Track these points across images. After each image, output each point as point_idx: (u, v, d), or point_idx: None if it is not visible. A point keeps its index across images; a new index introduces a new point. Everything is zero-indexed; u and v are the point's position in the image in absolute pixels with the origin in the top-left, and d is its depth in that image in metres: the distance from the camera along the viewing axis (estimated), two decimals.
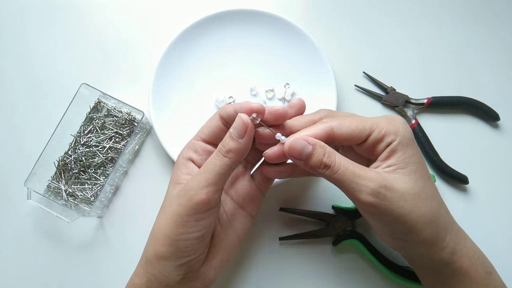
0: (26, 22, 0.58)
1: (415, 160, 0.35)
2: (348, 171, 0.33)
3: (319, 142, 0.34)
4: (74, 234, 0.51)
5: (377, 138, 0.35)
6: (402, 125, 0.35)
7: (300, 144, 0.34)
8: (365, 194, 0.33)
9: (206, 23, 0.54)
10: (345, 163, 0.34)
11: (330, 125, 0.35)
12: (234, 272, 0.49)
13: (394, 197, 0.33)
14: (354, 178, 0.33)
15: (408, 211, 0.33)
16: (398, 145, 0.34)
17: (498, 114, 0.53)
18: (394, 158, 0.34)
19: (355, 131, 0.35)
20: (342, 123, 0.35)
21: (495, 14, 0.58)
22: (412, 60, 0.57)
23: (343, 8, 0.59)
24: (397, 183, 0.33)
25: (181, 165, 0.38)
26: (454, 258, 0.35)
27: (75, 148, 0.52)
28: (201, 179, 0.35)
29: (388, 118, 0.36)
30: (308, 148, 0.33)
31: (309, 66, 0.53)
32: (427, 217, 0.33)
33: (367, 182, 0.33)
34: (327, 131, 0.35)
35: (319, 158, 0.33)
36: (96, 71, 0.56)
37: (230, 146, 0.35)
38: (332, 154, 0.34)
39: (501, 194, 0.52)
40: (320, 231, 0.49)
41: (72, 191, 0.51)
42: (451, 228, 0.35)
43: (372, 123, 0.35)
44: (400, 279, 0.47)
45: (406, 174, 0.34)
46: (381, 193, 0.32)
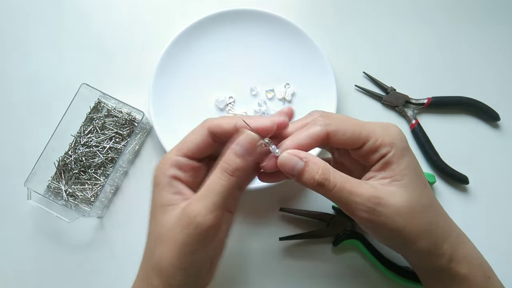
0: (26, 22, 0.58)
1: (410, 171, 0.34)
2: (344, 189, 0.32)
3: (313, 158, 0.33)
4: (74, 234, 0.51)
5: (372, 148, 0.34)
6: (397, 135, 0.34)
7: (291, 161, 0.32)
8: (361, 212, 0.32)
9: (206, 23, 0.54)
10: (340, 180, 0.32)
11: (325, 129, 0.34)
12: (234, 272, 0.49)
13: (389, 212, 0.32)
14: (350, 196, 0.32)
15: (403, 225, 0.33)
16: (393, 156, 0.33)
17: (498, 114, 0.53)
18: (389, 170, 0.34)
19: (350, 138, 0.34)
20: (338, 129, 0.34)
21: (495, 14, 0.58)
22: (412, 60, 0.57)
23: (343, 8, 0.59)
24: (392, 198, 0.33)
25: (166, 184, 0.35)
26: (452, 264, 0.35)
27: (75, 148, 0.52)
28: (208, 203, 0.32)
29: (384, 127, 0.35)
30: (300, 164, 0.32)
31: (309, 66, 0.53)
32: (422, 228, 0.33)
33: (363, 200, 0.32)
34: (322, 137, 0.34)
35: (312, 175, 0.32)
36: (96, 71, 0.56)
37: (237, 164, 0.32)
38: (327, 172, 0.32)
39: (501, 194, 0.52)
40: (320, 231, 0.49)
41: (72, 191, 0.51)
42: (449, 235, 0.35)
43: (368, 131, 0.34)
44: (400, 279, 0.47)
45: (402, 186, 0.33)
46: (376, 210, 0.32)
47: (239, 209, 0.51)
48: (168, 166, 0.35)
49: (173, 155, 0.36)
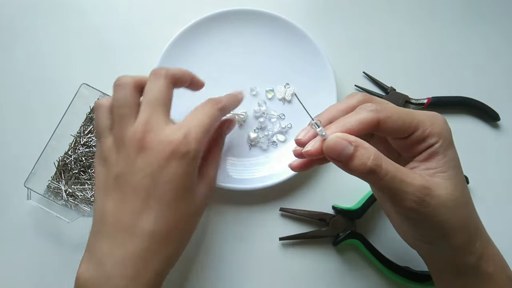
0: (26, 22, 0.58)
1: (454, 164, 0.33)
2: (396, 177, 0.31)
3: (363, 143, 0.30)
4: (74, 234, 0.51)
5: (420, 138, 0.33)
6: (445, 126, 0.34)
7: (340, 144, 0.30)
8: (410, 202, 0.31)
9: (206, 23, 0.54)
10: (391, 169, 0.31)
11: (377, 116, 0.32)
12: (234, 272, 0.49)
13: (436, 204, 0.32)
14: (401, 186, 0.31)
15: (447, 217, 0.32)
16: (440, 147, 0.33)
17: (498, 114, 0.53)
18: (434, 161, 0.33)
19: (401, 127, 0.32)
20: (390, 117, 0.32)
21: (495, 13, 0.58)
22: (412, 60, 0.57)
23: (343, 8, 0.59)
24: (439, 189, 0.32)
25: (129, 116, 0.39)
26: (480, 262, 0.34)
27: (75, 148, 0.52)
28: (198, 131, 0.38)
29: (432, 117, 0.34)
30: (349, 149, 0.30)
31: (309, 66, 0.53)
32: (462, 223, 0.33)
33: (414, 189, 0.31)
34: (373, 123, 0.32)
35: (363, 161, 0.30)
36: (96, 71, 0.56)
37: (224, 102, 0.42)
38: (379, 158, 0.30)
39: (501, 194, 0.52)
40: (320, 231, 0.49)
41: (72, 191, 0.51)
42: (480, 234, 0.35)
43: (419, 119, 0.33)
44: (400, 279, 0.47)
45: (446, 178, 0.32)
46: (425, 200, 0.31)
47: (240, 209, 0.51)
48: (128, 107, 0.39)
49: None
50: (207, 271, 0.49)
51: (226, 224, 0.51)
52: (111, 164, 0.37)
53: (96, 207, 0.38)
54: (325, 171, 0.52)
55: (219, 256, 0.50)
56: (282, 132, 0.53)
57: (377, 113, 0.32)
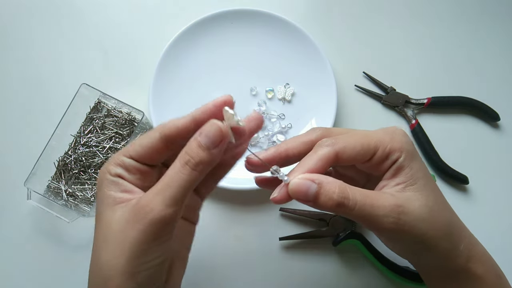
0: (26, 22, 0.58)
1: (422, 174, 0.33)
2: (366, 205, 0.31)
3: (326, 179, 0.31)
4: (74, 234, 0.51)
5: (382, 157, 0.33)
6: (404, 139, 0.34)
7: (303, 185, 0.30)
8: (387, 224, 0.31)
9: (206, 23, 0.54)
10: (359, 197, 0.31)
11: (333, 149, 0.32)
12: (234, 272, 0.49)
13: (412, 219, 0.32)
14: (373, 211, 0.31)
15: (426, 230, 0.32)
16: (404, 161, 0.33)
17: (498, 114, 0.53)
18: (401, 175, 0.33)
19: (360, 152, 0.33)
20: (346, 146, 0.32)
21: (495, 14, 0.58)
22: (412, 60, 0.57)
23: (343, 8, 0.59)
24: (411, 204, 0.32)
25: (110, 183, 0.32)
26: (469, 264, 0.34)
27: (75, 148, 0.52)
28: (166, 196, 0.29)
29: (390, 133, 0.34)
30: (314, 188, 0.30)
31: (309, 66, 0.53)
32: (443, 230, 0.33)
33: (386, 211, 0.31)
34: (332, 158, 0.32)
35: (329, 196, 0.30)
36: (96, 71, 0.56)
37: (202, 157, 0.29)
38: (344, 190, 0.31)
39: (501, 194, 0.52)
40: (320, 231, 0.49)
41: (72, 191, 0.51)
42: (464, 236, 0.35)
43: (376, 141, 0.33)
44: (400, 279, 0.47)
45: (417, 190, 0.33)
46: (401, 219, 0.31)
47: (240, 209, 0.51)
48: (113, 166, 0.32)
49: (119, 155, 0.33)
50: (207, 271, 0.49)
51: (226, 224, 0.51)
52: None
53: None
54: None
55: (219, 256, 0.50)
56: (282, 132, 0.53)
57: (333, 146, 0.32)
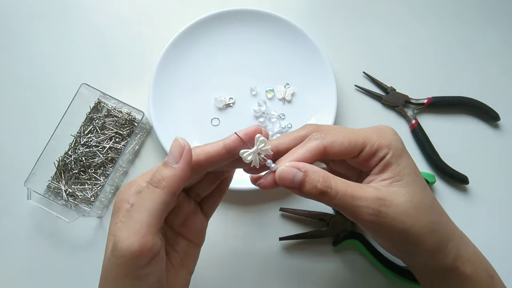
0: (26, 22, 0.58)
1: (409, 170, 0.34)
2: (347, 195, 0.32)
3: (311, 168, 0.32)
4: (74, 234, 0.51)
5: (369, 153, 0.34)
6: (393, 136, 0.35)
7: (290, 173, 0.31)
8: (367, 215, 0.32)
9: (206, 23, 0.54)
10: (342, 187, 0.32)
11: (322, 143, 0.33)
12: (234, 272, 0.49)
13: (395, 213, 0.32)
14: (354, 201, 0.32)
15: (410, 225, 0.32)
16: (391, 158, 0.33)
17: (498, 114, 0.53)
18: (388, 171, 0.33)
19: (348, 148, 0.34)
20: (335, 141, 0.33)
21: (496, 14, 0.58)
22: (412, 60, 0.57)
23: (343, 8, 0.59)
24: (396, 198, 0.32)
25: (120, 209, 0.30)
26: (457, 264, 0.34)
27: (75, 148, 0.52)
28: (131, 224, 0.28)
29: (379, 130, 0.35)
30: (299, 175, 0.31)
31: (309, 66, 0.53)
32: (429, 227, 0.33)
33: (367, 203, 0.32)
34: (320, 150, 0.33)
35: (313, 184, 0.31)
36: (96, 71, 0.56)
37: (163, 174, 0.29)
38: (328, 179, 0.32)
39: (501, 194, 0.52)
40: (320, 231, 0.49)
41: (72, 191, 0.51)
42: (453, 235, 0.35)
43: (364, 137, 0.34)
44: (400, 279, 0.47)
45: (403, 186, 0.33)
46: (382, 211, 0.32)
47: (240, 209, 0.51)
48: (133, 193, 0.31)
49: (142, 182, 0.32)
50: (207, 271, 0.49)
51: (226, 224, 0.51)
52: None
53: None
54: None
55: (219, 256, 0.50)
56: (282, 132, 0.53)
57: (322, 140, 0.33)
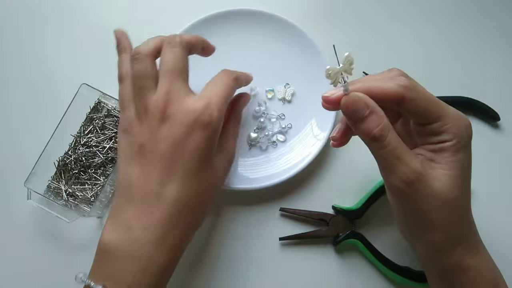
0: (25, 22, 0.58)
1: (461, 166, 0.33)
2: (395, 152, 0.31)
3: (378, 110, 0.31)
4: (74, 234, 0.51)
5: (436, 130, 0.33)
6: (466, 129, 0.34)
7: (356, 104, 0.31)
8: (399, 181, 0.32)
9: (206, 23, 0.54)
10: (394, 143, 0.31)
11: (404, 92, 0.32)
12: (234, 272, 0.49)
13: (424, 193, 0.32)
14: (397, 161, 0.31)
15: (430, 210, 0.32)
16: (451, 147, 0.33)
17: (498, 114, 0.53)
18: (439, 156, 0.33)
19: (423, 112, 0.32)
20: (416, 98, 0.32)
21: (496, 14, 0.58)
22: (412, 60, 0.57)
23: (343, 8, 0.59)
24: (433, 181, 0.32)
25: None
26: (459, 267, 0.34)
27: (75, 148, 0.52)
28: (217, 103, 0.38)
29: (458, 115, 0.34)
30: (364, 112, 0.31)
31: (309, 66, 0.53)
32: (446, 222, 0.33)
33: (407, 170, 0.31)
34: (398, 97, 0.32)
35: (370, 126, 0.31)
36: (96, 71, 0.56)
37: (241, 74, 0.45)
38: (386, 129, 0.31)
39: (501, 194, 0.52)
40: (320, 231, 0.49)
41: (72, 191, 0.51)
42: (467, 241, 0.35)
43: (443, 112, 0.33)
44: (400, 279, 0.47)
45: (446, 176, 0.33)
46: (414, 185, 0.32)
47: (240, 209, 0.51)
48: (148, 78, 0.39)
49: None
50: (207, 271, 0.49)
51: (226, 224, 0.51)
52: (135, 135, 0.37)
53: (120, 177, 0.38)
54: (325, 171, 0.52)
55: (219, 256, 0.50)
56: (282, 132, 0.53)
57: (405, 90, 0.32)
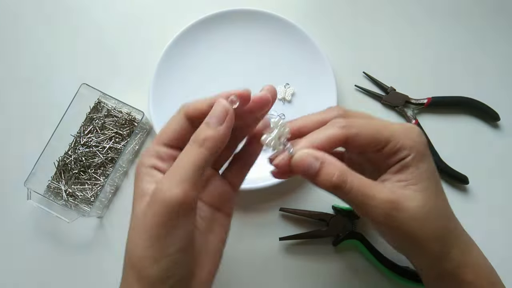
0: (25, 22, 0.58)
1: (428, 175, 0.33)
2: (360, 192, 0.31)
3: (329, 159, 0.31)
4: (74, 234, 0.51)
5: (391, 151, 0.33)
6: (418, 138, 0.33)
7: (306, 161, 0.31)
8: (377, 216, 0.32)
9: (206, 23, 0.54)
10: (357, 183, 0.31)
11: (344, 133, 0.32)
12: (234, 272, 0.49)
13: (404, 217, 0.32)
14: (366, 200, 0.31)
15: (416, 229, 0.32)
16: (412, 160, 0.33)
17: (498, 114, 0.53)
18: (406, 173, 0.33)
19: (370, 142, 0.33)
20: (359, 134, 0.32)
21: (495, 13, 0.58)
22: (412, 60, 0.57)
23: (343, 8, 0.59)
24: (407, 202, 0.32)
25: (144, 174, 0.33)
26: (458, 271, 0.34)
27: (75, 148, 0.52)
28: (174, 176, 0.30)
29: (406, 129, 0.34)
30: (316, 165, 0.31)
31: (309, 66, 0.53)
32: (435, 233, 0.33)
33: (379, 203, 0.31)
34: (341, 140, 0.32)
35: (328, 177, 0.31)
36: (96, 71, 0.56)
37: (207, 134, 0.30)
38: (344, 174, 0.31)
39: (501, 194, 0.52)
40: (320, 231, 0.49)
41: (72, 191, 0.51)
42: (458, 242, 0.35)
43: (389, 134, 0.33)
44: (400, 279, 0.47)
45: (417, 190, 0.33)
46: (392, 215, 0.32)
47: (240, 209, 0.51)
48: (148, 157, 0.34)
49: (153, 145, 0.34)
50: None
51: None
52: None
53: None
54: None
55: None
56: None
57: (346, 129, 0.32)
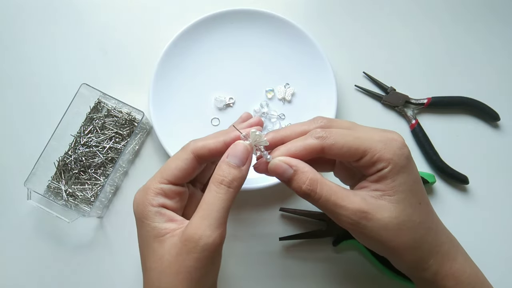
0: (25, 22, 0.58)
1: (405, 188, 0.33)
2: (329, 201, 0.33)
3: (302, 168, 0.33)
4: (74, 234, 0.51)
5: (368, 163, 0.34)
6: (398, 150, 0.34)
7: (281, 167, 0.33)
8: (346, 224, 0.33)
9: (206, 23, 0.54)
10: (326, 192, 0.33)
11: (320, 143, 0.33)
12: (234, 272, 0.49)
13: (374, 226, 0.33)
14: (336, 209, 0.33)
15: (388, 239, 0.33)
16: (388, 172, 0.33)
17: (498, 114, 0.53)
18: (382, 184, 0.33)
19: (346, 153, 0.34)
20: (335, 144, 0.33)
21: (496, 14, 0.58)
22: (412, 60, 0.57)
23: (343, 8, 0.59)
24: (380, 212, 0.33)
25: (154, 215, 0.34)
26: (437, 278, 0.35)
27: (75, 148, 0.52)
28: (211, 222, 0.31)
29: (387, 141, 0.34)
30: (289, 172, 0.33)
31: (309, 66, 0.54)
32: (409, 245, 0.34)
33: (348, 213, 0.33)
34: (317, 150, 0.34)
35: (299, 185, 0.33)
36: (96, 71, 0.56)
37: (234, 175, 0.33)
38: (314, 183, 0.33)
39: (501, 194, 0.52)
40: (320, 231, 0.49)
41: (72, 191, 0.51)
42: (437, 252, 0.35)
43: (367, 146, 0.33)
44: (400, 279, 0.47)
45: (393, 202, 0.33)
46: (361, 223, 0.33)
47: (240, 209, 0.51)
48: (153, 196, 0.34)
49: (156, 183, 0.35)
50: None
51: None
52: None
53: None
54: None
55: None
56: None
57: (322, 140, 0.34)
